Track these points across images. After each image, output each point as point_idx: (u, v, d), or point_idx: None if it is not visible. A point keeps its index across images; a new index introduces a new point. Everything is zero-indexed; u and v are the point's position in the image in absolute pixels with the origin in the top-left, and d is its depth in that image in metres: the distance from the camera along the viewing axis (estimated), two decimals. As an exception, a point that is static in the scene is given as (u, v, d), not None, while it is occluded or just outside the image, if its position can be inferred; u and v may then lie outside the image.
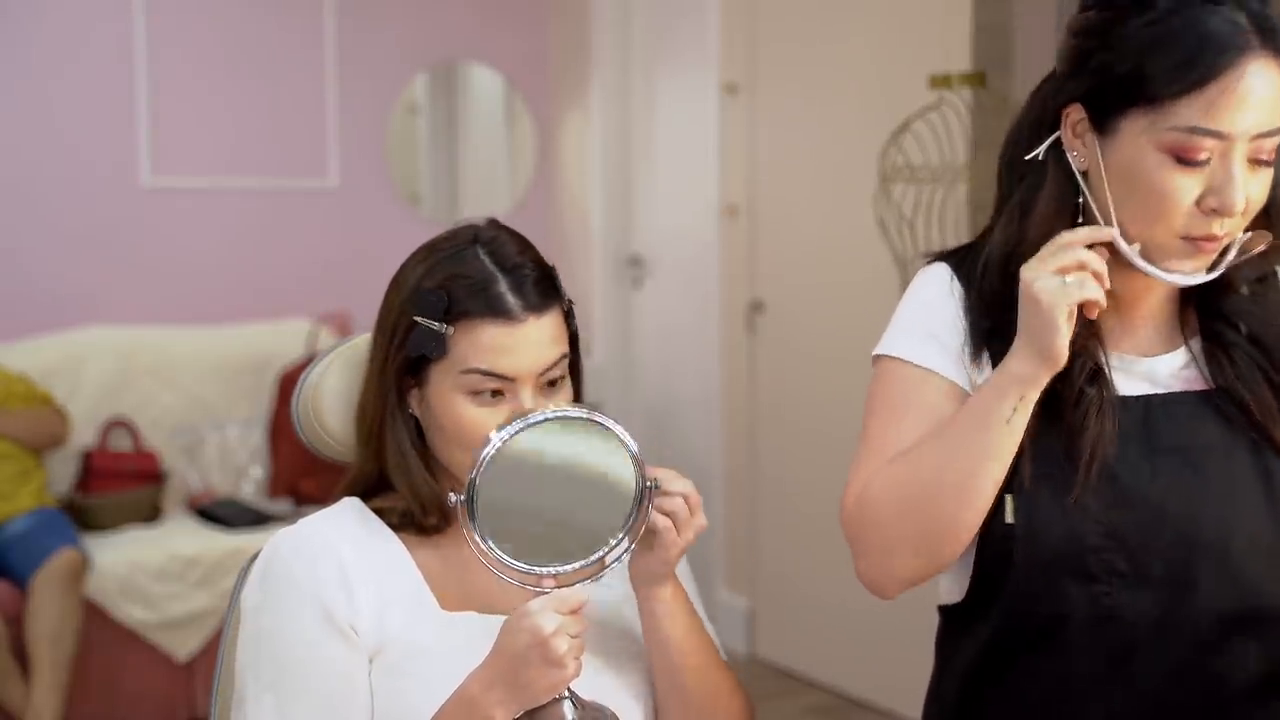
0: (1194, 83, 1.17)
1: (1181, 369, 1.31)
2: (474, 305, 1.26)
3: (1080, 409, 1.24)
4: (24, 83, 4.01)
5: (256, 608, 1.28)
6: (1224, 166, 1.19)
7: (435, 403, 1.28)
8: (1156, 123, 1.19)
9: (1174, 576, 1.24)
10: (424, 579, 1.30)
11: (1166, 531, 1.24)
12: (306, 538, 1.30)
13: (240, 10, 4.30)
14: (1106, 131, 1.23)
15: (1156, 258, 1.23)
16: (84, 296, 4.09)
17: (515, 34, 4.78)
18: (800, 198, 3.92)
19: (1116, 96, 1.22)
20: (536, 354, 1.28)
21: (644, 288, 4.65)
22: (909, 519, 1.27)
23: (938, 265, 1.39)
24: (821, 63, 3.79)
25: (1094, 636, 1.26)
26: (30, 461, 3.54)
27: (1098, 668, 1.26)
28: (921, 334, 1.34)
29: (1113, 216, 1.24)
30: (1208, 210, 1.20)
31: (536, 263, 1.31)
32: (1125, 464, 1.22)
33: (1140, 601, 1.24)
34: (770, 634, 4.13)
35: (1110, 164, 1.23)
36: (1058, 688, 1.29)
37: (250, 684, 1.26)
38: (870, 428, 1.36)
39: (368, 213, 4.48)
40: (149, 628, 3.46)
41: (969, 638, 1.35)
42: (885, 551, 1.29)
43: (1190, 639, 1.25)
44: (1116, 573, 1.23)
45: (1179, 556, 1.24)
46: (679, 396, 4.50)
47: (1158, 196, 1.20)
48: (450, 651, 1.25)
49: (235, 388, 4.08)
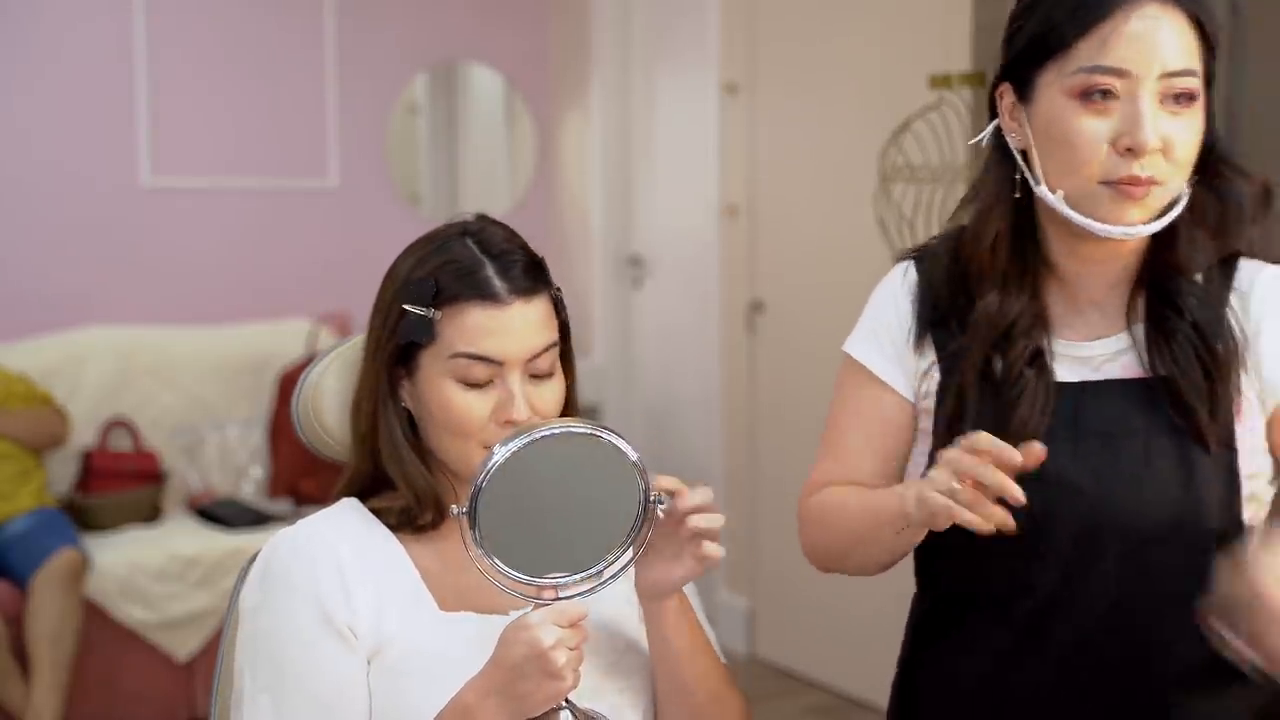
0: (1089, 23, 1.24)
1: (1119, 353, 1.34)
2: (461, 289, 1.27)
3: (1015, 390, 1.30)
4: (24, 82, 4.01)
5: (255, 608, 1.29)
6: (1131, 105, 1.23)
7: (425, 390, 1.29)
8: (1063, 70, 1.25)
9: (1081, 554, 1.30)
10: (422, 579, 1.30)
11: (1077, 511, 1.29)
12: (305, 539, 1.30)
13: (240, 10, 4.30)
14: (1028, 98, 1.29)
15: (1086, 209, 1.26)
16: (84, 296, 4.09)
17: (515, 34, 4.78)
18: (800, 198, 3.92)
19: (1030, 58, 1.28)
20: (524, 338, 1.28)
21: (644, 288, 4.65)
22: (831, 556, 1.42)
23: (898, 264, 1.46)
24: (821, 63, 3.79)
25: (1012, 608, 1.34)
26: (30, 461, 3.54)
27: (1013, 639, 1.34)
28: (866, 333, 1.44)
29: (1040, 174, 1.29)
30: (1122, 150, 1.24)
31: (524, 250, 1.32)
32: (1049, 446, 1.22)
33: (1048, 576, 1.31)
34: (770, 634, 4.13)
35: (1035, 126, 1.29)
36: (979, 660, 1.37)
37: (248, 684, 1.27)
38: (827, 423, 1.48)
39: (368, 213, 4.48)
40: (149, 628, 3.46)
41: (915, 618, 1.48)
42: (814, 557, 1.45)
43: (1095, 614, 1.31)
44: (1031, 550, 1.29)
45: (1086, 535, 1.29)
46: (679, 396, 4.50)
47: (1072, 141, 1.25)
48: (448, 652, 1.25)
49: (235, 388, 4.08)
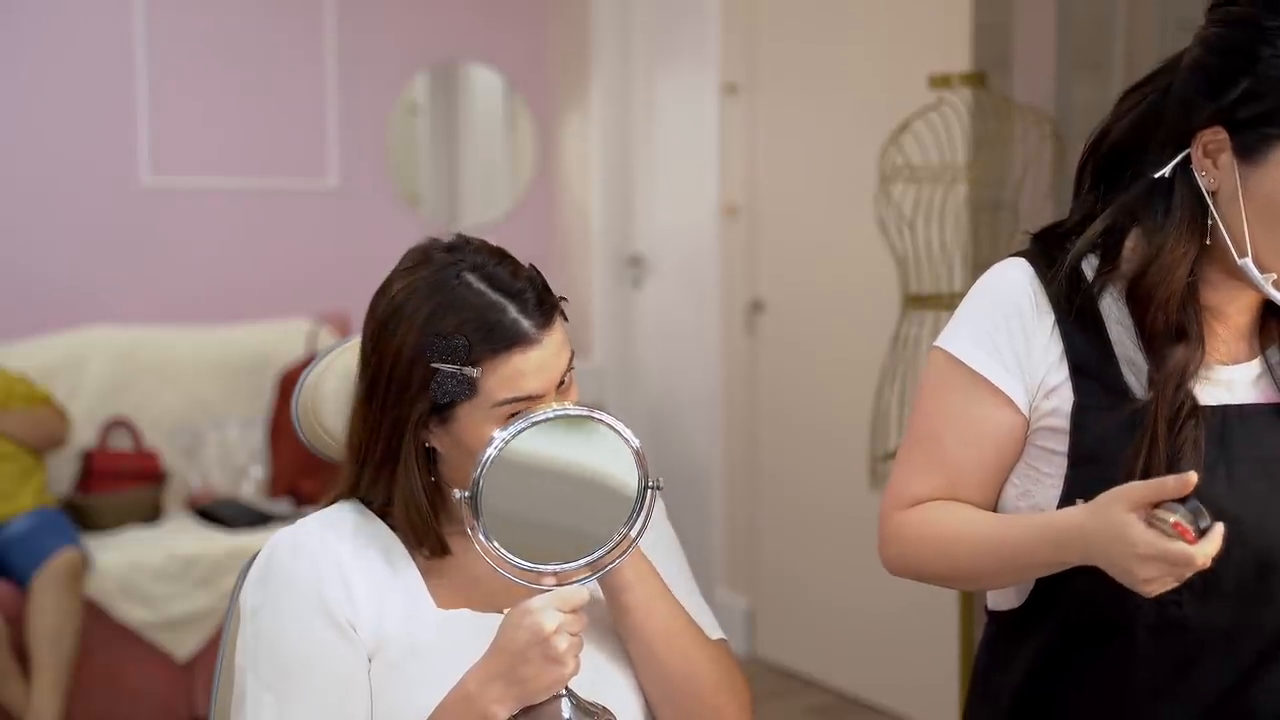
0: None
1: (1258, 378, 1.30)
2: (493, 342, 1.24)
3: (1175, 443, 1.22)
4: (24, 82, 4.01)
5: (256, 608, 1.29)
6: None
7: (466, 437, 1.26)
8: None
9: (1245, 589, 1.24)
10: (422, 577, 1.30)
11: (1241, 543, 1.22)
12: (305, 537, 1.30)
13: (240, 10, 4.30)
14: (1251, 158, 1.20)
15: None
16: (84, 296, 4.09)
17: (515, 34, 4.78)
18: (800, 198, 3.92)
19: (1270, 125, 1.18)
20: (556, 366, 1.29)
21: (644, 288, 4.65)
22: (933, 579, 1.34)
23: (1013, 262, 1.34)
24: (821, 63, 3.79)
25: (1159, 647, 1.26)
26: (30, 461, 3.54)
27: (1160, 678, 1.26)
28: (980, 334, 1.31)
29: (1246, 244, 1.21)
30: None
31: (530, 279, 1.30)
32: (1202, 475, 1.18)
33: (1209, 613, 1.24)
34: (770, 634, 4.13)
35: (1252, 191, 1.20)
36: (1117, 697, 1.28)
37: (250, 684, 1.27)
38: (920, 428, 1.35)
39: (367, 213, 4.48)
40: (149, 628, 3.46)
41: (1026, 644, 1.34)
42: (906, 573, 1.36)
43: (1256, 651, 1.25)
44: (1187, 584, 1.18)
45: (1251, 568, 1.23)
46: (679, 396, 4.50)
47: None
48: (448, 649, 1.25)
49: (235, 388, 4.08)
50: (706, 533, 4.24)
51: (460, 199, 4.75)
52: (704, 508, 4.28)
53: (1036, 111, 2.82)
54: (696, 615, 1.35)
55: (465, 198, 4.76)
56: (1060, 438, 1.28)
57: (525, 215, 4.81)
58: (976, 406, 1.30)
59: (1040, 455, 1.31)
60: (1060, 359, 1.28)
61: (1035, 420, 1.30)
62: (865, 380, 3.16)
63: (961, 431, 1.31)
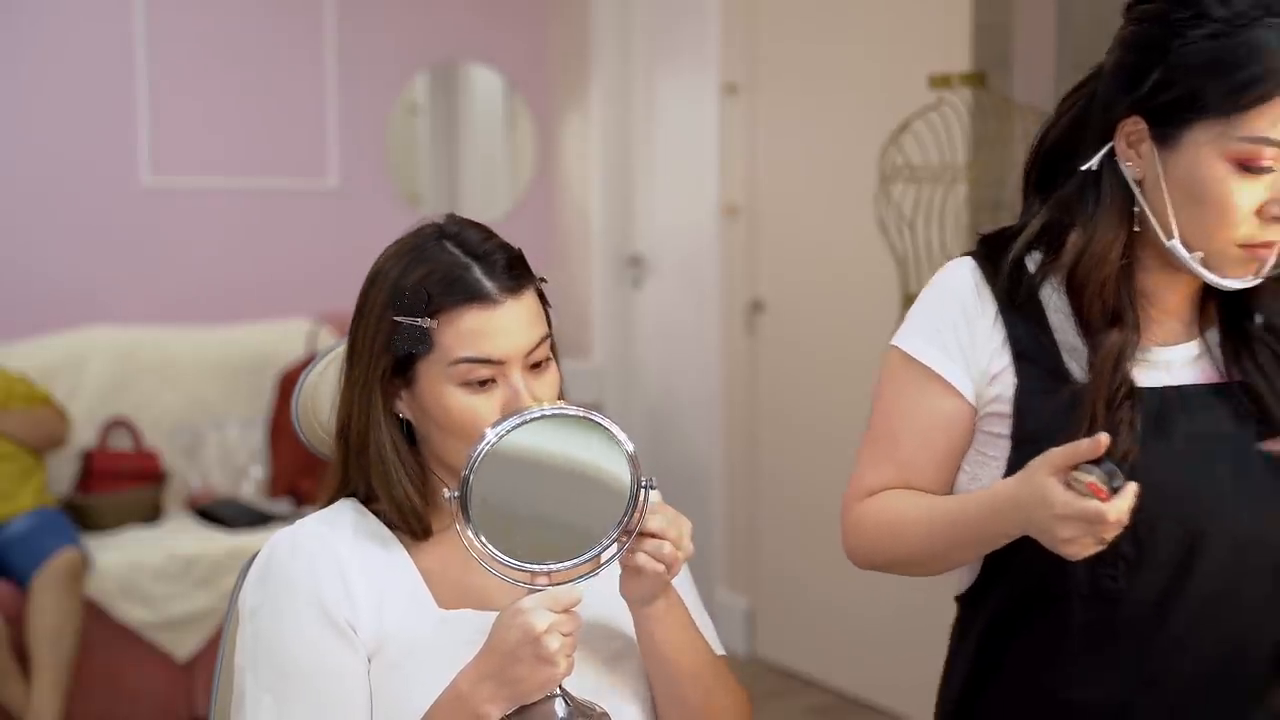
0: (1262, 96, 1.21)
1: (1196, 359, 1.35)
2: (452, 294, 1.27)
3: (1115, 418, 1.27)
4: (24, 83, 4.01)
5: (255, 609, 1.29)
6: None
7: (427, 399, 1.28)
8: (1225, 134, 1.23)
9: (1176, 561, 1.29)
10: (421, 577, 1.30)
11: (1173, 518, 1.28)
12: (304, 538, 1.30)
13: (240, 10, 4.30)
14: (1168, 143, 1.27)
15: (1214, 265, 1.28)
16: (84, 296, 4.09)
17: (515, 34, 4.78)
18: (800, 198, 3.92)
19: (1181, 110, 1.25)
20: (519, 334, 1.28)
21: (644, 288, 4.65)
22: (893, 565, 1.41)
23: (960, 260, 1.41)
24: (821, 63, 3.79)
25: (1094, 616, 1.31)
26: (30, 461, 3.54)
27: (1096, 647, 1.32)
28: (929, 330, 1.38)
29: (1173, 225, 1.27)
30: (1269, 217, 1.25)
31: (503, 246, 1.32)
32: (1140, 454, 1.26)
33: (1142, 584, 1.29)
34: (770, 634, 4.13)
35: (1172, 175, 1.27)
36: (1055, 665, 1.34)
37: (249, 685, 1.27)
38: (876, 422, 1.42)
39: (368, 213, 4.48)
40: (149, 628, 3.46)
41: (977, 618, 1.42)
42: (869, 563, 1.43)
43: (1186, 621, 1.30)
44: (1122, 556, 1.28)
45: (1183, 542, 1.28)
46: (679, 396, 4.50)
47: (1223, 205, 1.24)
48: (448, 649, 1.25)
49: (235, 388, 4.08)
50: (706, 533, 4.24)
51: (460, 199, 4.75)
52: (704, 508, 4.28)
53: (1036, 111, 2.82)
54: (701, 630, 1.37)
55: (465, 198, 4.76)
56: (1005, 421, 1.35)
57: (525, 215, 4.81)
58: (926, 399, 1.37)
59: (987, 440, 1.37)
60: (1003, 346, 1.35)
61: (982, 407, 1.36)
62: (865, 380, 3.15)
63: (913, 424, 1.38)
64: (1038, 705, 1.37)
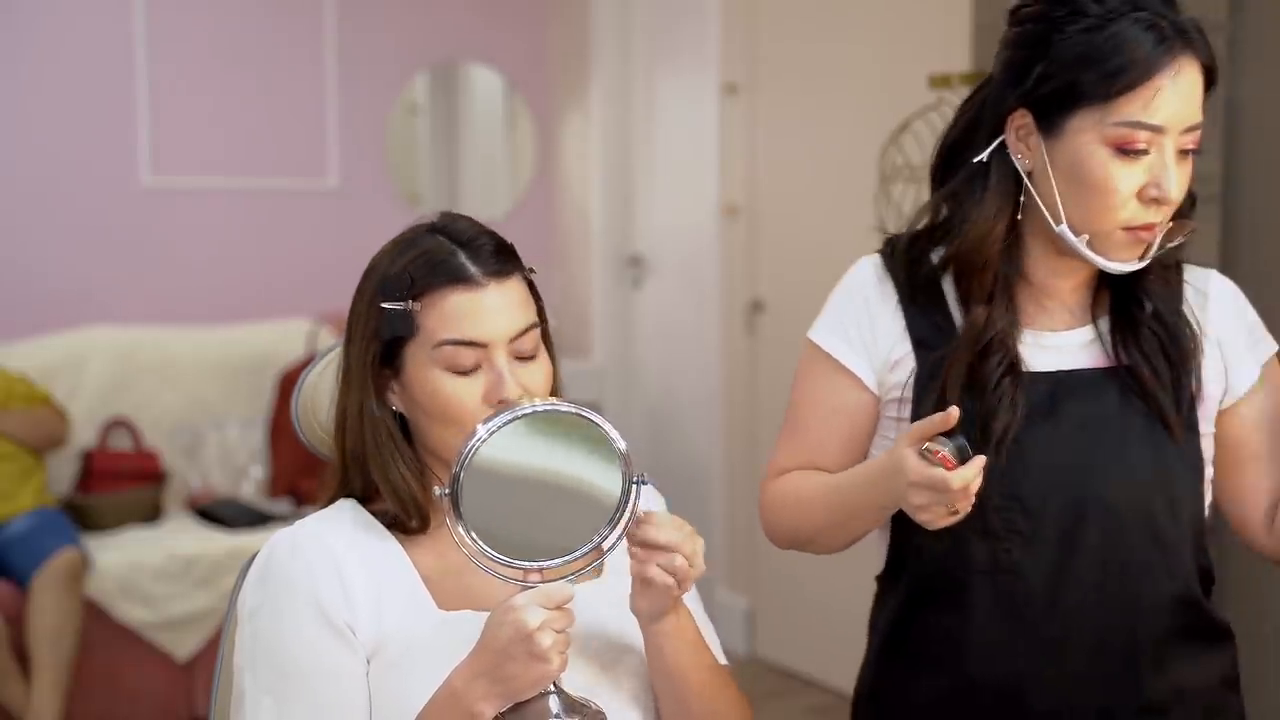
0: (1133, 82, 1.30)
1: (1089, 344, 1.42)
2: (435, 277, 1.28)
3: (995, 395, 1.37)
4: (24, 82, 4.01)
5: (254, 610, 1.28)
6: (1160, 158, 1.31)
7: (414, 385, 1.29)
8: (1102, 120, 1.31)
9: (1064, 532, 1.37)
10: (420, 578, 1.30)
11: (1061, 494, 1.36)
12: (303, 539, 1.29)
13: (240, 10, 4.30)
14: (1052, 133, 1.35)
15: (1100, 249, 1.35)
16: (84, 296, 4.09)
17: (515, 34, 4.78)
18: (800, 198, 3.92)
19: (1062, 100, 1.33)
20: (504, 318, 1.29)
21: (644, 288, 4.65)
22: (801, 538, 1.50)
23: (865, 258, 1.52)
24: (821, 63, 3.79)
25: (992, 594, 1.39)
26: (30, 461, 3.54)
27: (996, 624, 1.39)
28: (833, 323, 1.49)
29: (1060, 211, 1.35)
30: (1148, 200, 1.32)
31: (492, 236, 1.34)
32: (1029, 434, 1.36)
33: (1035, 560, 1.37)
34: (770, 634, 4.13)
35: (1057, 162, 1.35)
36: (959, 643, 1.41)
37: (248, 686, 1.26)
38: (790, 408, 1.54)
39: (368, 213, 4.48)
40: (149, 628, 3.46)
41: (888, 601, 1.50)
42: (783, 539, 1.53)
43: (1078, 592, 1.37)
44: (1015, 531, 1.37)
45: (1071, 517, 1.37)
46: (679, 396, 4.50)
47: (1103, 188, 1.32)
48: (447, 650, 1.25)
49: (235, 388, 4.08)
50: (706, 533, 4.21)
51: (460, 199, 4.75)
52: (704, 508, 4.28)
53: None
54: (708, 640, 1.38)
55: (465, 198, 4.76)
56: (906, 406, 1.44)
57: (525, 215, 4.81)
58: (831, 386, 1.48)
59: (890, 424, 1.47)
60: (903, 335, 1.44)
61: (885, 394, 1.46)
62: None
63: (819, 410, 1.49)
64: (943, 681, 1.43)
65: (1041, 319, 1.42)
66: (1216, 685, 1.45)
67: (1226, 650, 1.46)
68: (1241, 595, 2.33)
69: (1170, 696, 1.40)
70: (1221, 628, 1.46)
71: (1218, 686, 1.45)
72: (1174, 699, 1.41)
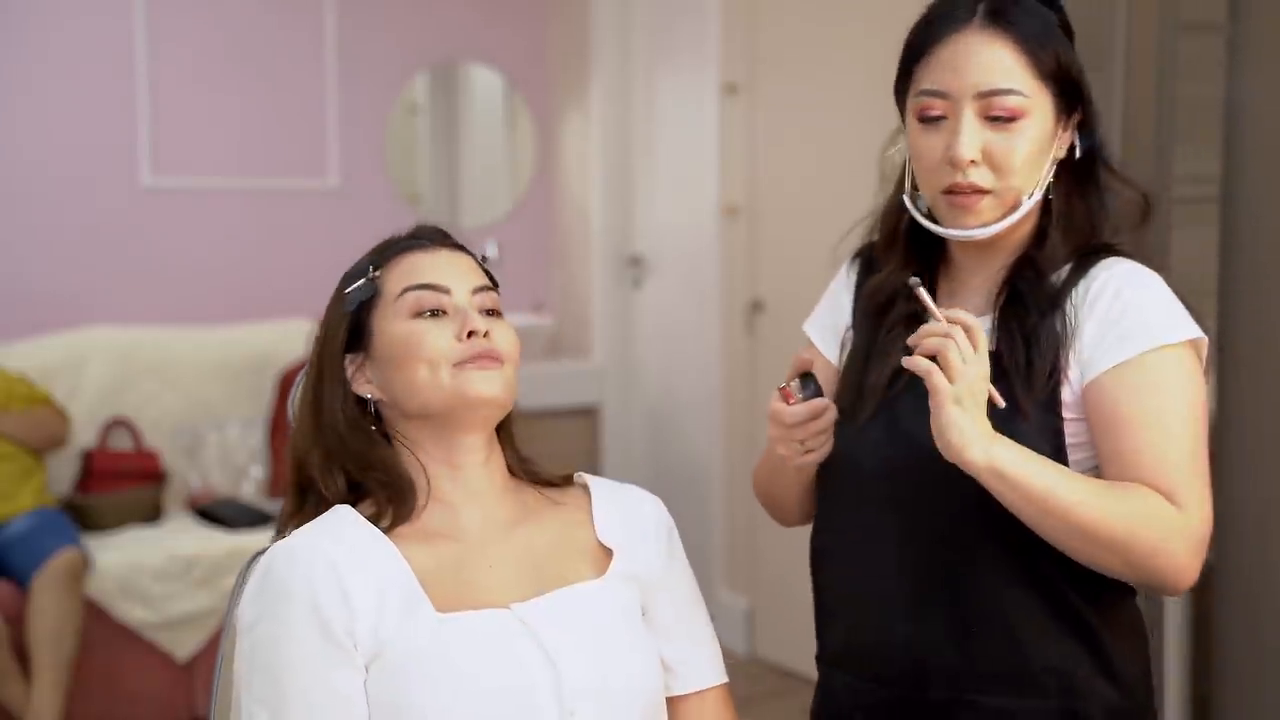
0: (921, 52, 1.45)
1: (987, 333, 1.46)
2: (391, 250, 1.39)
3: (882, 345, 1.50)
4: (24, 83, 4.01)
5: (252, 622, 1.27)
6: (954, 121, 1.41)
7: (384, 343, 1.35)
8: (910, 93, 1.47)
9: (920, 499, 1.44)
10: (419, 581, 1.30)
11: (920, 465, 1.42)
12: (300, 548, 1.28)
13: (240, 10, 4.30)
14: (904, 118, 1.51)
15: (940, 216, 1.46)
16: (84, 296, 4.09)
17: (515, 34, 4.78)
18: (800, 198, 3.92)
19: (898, 83, 1.51)
20: (460, 272, 1.37)
21: (644, 288, 4.65)
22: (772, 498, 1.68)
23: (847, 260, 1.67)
24: (821, 63, 3.79)
25: (867, 556, 1.48)
26: (30, 461, 3.54)
27: (873, 585, 1.47)
28: (818, 313, 1.66)
29: (907, 185, 1.50)
30: (946, 160, 1.41)
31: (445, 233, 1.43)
32: (904, 406, 1.45)
33: (896, 523, 1.45)
34: (770, 634, 4.13)
35: (907, 141, 1.49)
36: (846, 603, 1.51)
37: (245, 698, 1.26)
38: None
39: (368, 213, 4.48)
40: (149, 628, 3.46)
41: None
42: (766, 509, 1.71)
43: (934, 563, 1.43)
44: (884, 496, 1.46)
45: (927, 488, 1.43)
46: (679, 396, 4.50)
47: (916, 155, 1.46)
48: (448, 652, 1.25)
49: (235, 388, 4.08)
50: (706, 533, 4.24)
51: (460, 199, 4.75)
52: (704, 508, 4.28)
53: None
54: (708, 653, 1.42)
55: (465, 198, 4.76)
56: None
57: (525, 215, 4.81)
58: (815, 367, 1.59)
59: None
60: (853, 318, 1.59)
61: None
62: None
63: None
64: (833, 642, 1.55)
65: (957, 304, 1.49)
66: (1086, 669, 1.41)
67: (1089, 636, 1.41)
68: (1242, 595, 2.33)
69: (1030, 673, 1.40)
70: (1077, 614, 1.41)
71: (1087, 670, 1.41)
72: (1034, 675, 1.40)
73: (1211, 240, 2.35)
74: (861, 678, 1.48)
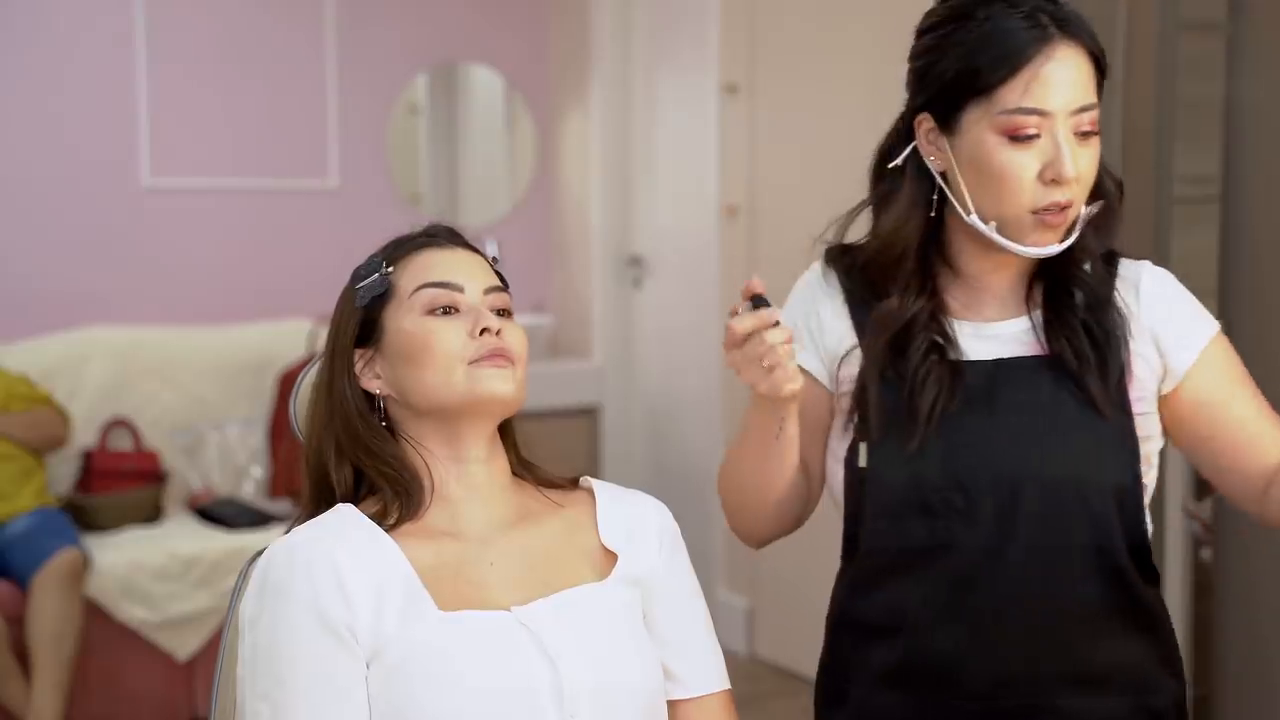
0: (1010, 70, 1.38)
1: (1024, 333, 1.49)
2: (404, 247, 1.39)
3: (919, 374, 1.44)
4: (24, 83, 4.01)
5: (253, 620, 1.27)
6: (1052, 140, 1.38)
7: (395, 340, 1.34)
8: (989, 110, 1.40)
9: (1000, 511, 1.42)
10: (420, 580, 1.29)
11: (994, 472, 1.42)
12: (301, 547, 1.28)
13: (240, 10, 4.30)
14: (952, 130, 1.44)
15: (1013, 235, 1.42)
16: (84, 296, 4.09)
17: (515, 34, 4.78)
18: (800, 198, 3.92)
19: (954, 96, 1.43)
20: (474, 271, 1.38)
21: (644, 288, 4.65)
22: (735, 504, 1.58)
23: (813, 267, 1.63)
24: (821, 63, 3.79)
25: (934, 569, 1.44)
26: (31, 461, 3.54)
27: (937, 599, 1.44)
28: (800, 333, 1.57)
29: (968, 201, 1.43)
30: (1047, 181, 1.39)
31: (453, 231, 1.43)
32: (968, 418, 1.43)
33: (972, 536, 1.42)
34: (770, 634, 4.13)
35: (960, 156, 1.43)
36: (902, 618, 1.47)
37: (248, 695, 1.26)
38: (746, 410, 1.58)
39: (368, 213, 4.48)
40: (149, 628, 3.46)
41: (842, 579, 1.58)
42: (731, 516, 1.60)
43: (1015, 571, 1.42)
44: (954, 509, 1.43)
45: (1006, 494, 1.42)
46: (679, 396, 4.50)
47: (1000, 174, 1.40)
48: (449, 651, 1.25)
49: (235, 388, 4.08)
50: (706, 533, 4.24)
51: (460, 199, 4.75)
52: (704, 508, 4.28)
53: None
54: (711, 660, 1.42)
55: (465, 198, 4.76)
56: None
57: (525, 215, 4.81)
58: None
59: (843, 415, 1.53)
60: (850, 329, 1.53)
61: (839, 387, 1.53)
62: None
63: None
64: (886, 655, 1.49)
65: (979, 311, 1.49)
66: (1153, 664, 1.47)
67: (1156, 630, 1.48)
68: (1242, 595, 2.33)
69: (1102, 672, 1.44)
70: (1149, 608, 1.48)
71: (1154, 665, 1.48)
72: (1106, 675, 1.44)
73: (1211, 240, 2.35)
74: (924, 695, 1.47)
